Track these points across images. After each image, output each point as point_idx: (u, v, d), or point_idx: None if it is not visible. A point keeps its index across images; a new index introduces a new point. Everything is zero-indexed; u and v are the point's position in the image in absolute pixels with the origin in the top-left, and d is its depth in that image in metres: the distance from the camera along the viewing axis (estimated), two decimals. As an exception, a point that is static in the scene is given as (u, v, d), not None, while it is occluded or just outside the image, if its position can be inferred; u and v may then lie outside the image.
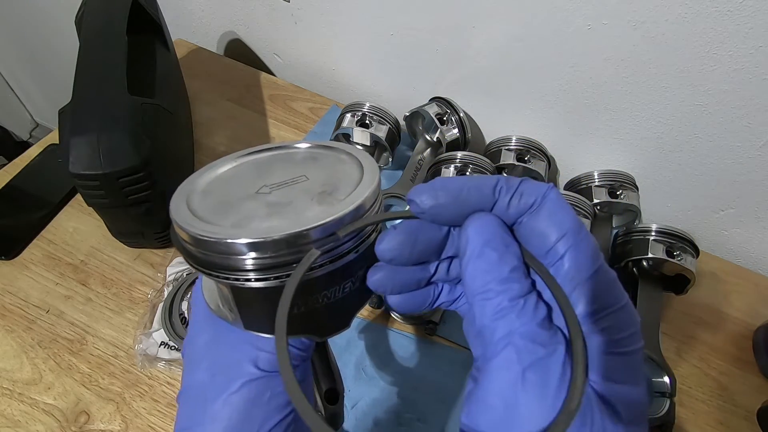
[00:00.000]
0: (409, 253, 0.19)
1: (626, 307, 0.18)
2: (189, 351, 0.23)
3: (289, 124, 0.70)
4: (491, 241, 0.18)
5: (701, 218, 0.63)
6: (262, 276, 0.19)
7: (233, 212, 0.20)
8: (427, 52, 0.65)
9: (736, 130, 0.53)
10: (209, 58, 0.79)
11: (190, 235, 0.18)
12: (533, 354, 0.16)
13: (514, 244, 0.18)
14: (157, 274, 0.53)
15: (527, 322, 0.17)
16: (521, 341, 0.16)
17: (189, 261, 0.20)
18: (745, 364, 0.54)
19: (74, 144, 0.41)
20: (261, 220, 0.19)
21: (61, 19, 1.02)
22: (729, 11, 0.45)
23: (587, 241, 0.18)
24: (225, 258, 0.18)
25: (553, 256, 0.18)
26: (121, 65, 0.46)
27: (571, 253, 0.17)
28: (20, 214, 0.56)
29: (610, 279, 0.18)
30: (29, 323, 0.49)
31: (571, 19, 0.52)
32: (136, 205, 0.46)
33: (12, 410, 0.44)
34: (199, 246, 0.19)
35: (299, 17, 0.71)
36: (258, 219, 0.19)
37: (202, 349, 0.22)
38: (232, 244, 0.18)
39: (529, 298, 0.17)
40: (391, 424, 0.46)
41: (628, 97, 0.56)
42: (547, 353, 0.16)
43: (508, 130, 0.64)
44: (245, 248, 0.18)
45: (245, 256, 0.18)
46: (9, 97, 1.39)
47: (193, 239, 0.19)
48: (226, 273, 0.19)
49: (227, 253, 0.18)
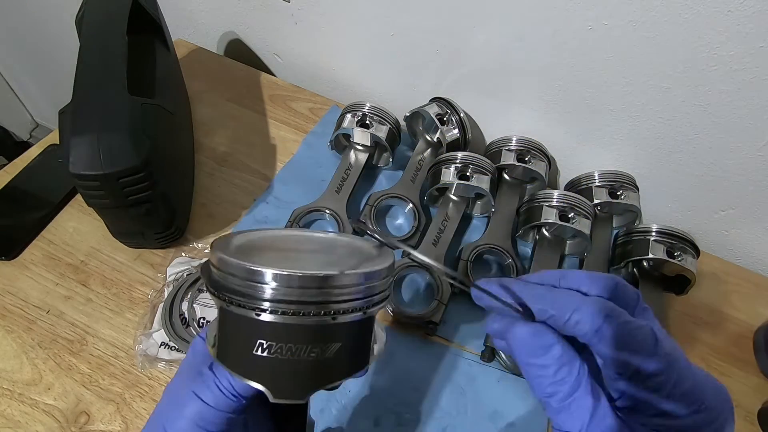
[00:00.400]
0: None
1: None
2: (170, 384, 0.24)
3: (289, 124, 0.70)
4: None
5: (702, 219, 0.63)
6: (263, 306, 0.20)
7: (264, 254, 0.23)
8: (427, 52, 0.65)
9: (736, 130, 0.53)
10: (209, 58, 0.79)
11: (218, 257, 0.21)
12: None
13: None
14: (158, 275, 0.53)
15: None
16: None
17: (207, 286, 0.21)
18: (745, 365, 0.54)
19: (74, 144, 0.41)
20: (279, 262, 0.21)
21: (61, 19, 1.02)
22: (729, 11, 0.45)
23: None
24: (235, 280, 0.20)
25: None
26: (121, 65, 0.46)
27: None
28: (20, 214, 0.56)
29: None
30: (29, 323, 0.49)
31: (571, 19, 0.52)
32: (136, 205, 0.46)
33: (12, 411, 0.44)
34: (220, 267, 0.21)
35: (299, 17, 0.71)
36: (277, 262, 0.21)
37: (170, 386, 0.24)
38: (250, 269, 0.20)
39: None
40: (391, 424, 0.46)
41: (628, 97, 0.56)
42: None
43: (509, 131, 0.64)
44: (256, 275, 0.19)
45: (256, 283, 0.20)
46: (9, 97, 1.39)
47: (219, 261, 0.21)
48: (234, 297, 0.20)
49: (241, 276, 0.20)
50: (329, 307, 0.20)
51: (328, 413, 0.46)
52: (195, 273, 0.52)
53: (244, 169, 0.64)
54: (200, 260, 0.54)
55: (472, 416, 0.47)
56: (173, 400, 0.22)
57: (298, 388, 0.21)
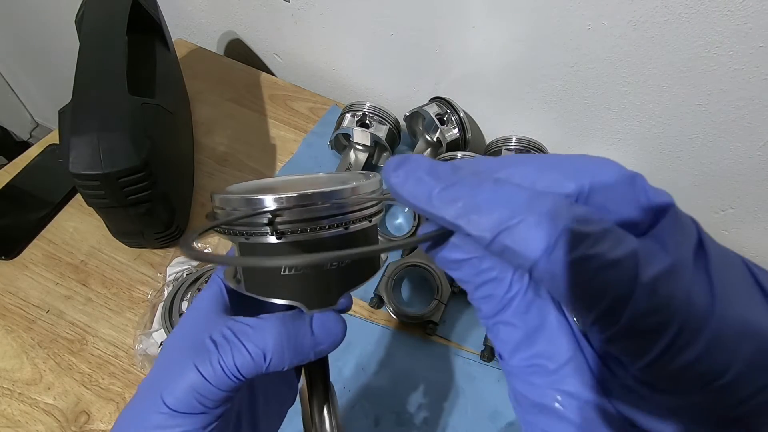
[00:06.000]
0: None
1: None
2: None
3: (289, 124, 0.70)
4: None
5: (701, 218, 0.63)
6: (265, 231, 0.20)
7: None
8: (427, 52, 0.65)
9: (736, 130, 0.53)
10: (209, 58, 0.79)
11: (220, 197, 0.21)
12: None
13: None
14: (157, 274, 0.53)
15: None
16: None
17: (215, 226, 0.22)
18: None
19: (74, 144, 0.41)
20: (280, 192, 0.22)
21: (61, 19, 1.02)
22: (729, 11, 0.45)
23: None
24: (241, 212, 0.21)
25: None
26: (121, 65, 0.46)
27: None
28: (20, 214, 0.56)
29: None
30: (29, 323, 0.49)
31: (571, 19, 0.52)
32: (136, 205, 0.46)
33: (12, 410, 0.44)
34: (223, 205, 0.21)
35: (299, 17, 0.71)
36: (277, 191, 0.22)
37: (146, 378, 0.23)
38: (250, 199, 0.20)
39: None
40: (391, 424, 0.46)
41: (628, 97, 0.56)
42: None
43: (508, 130, 0.64)
44: (257, 203, 0.20)
45: (259, 208, 0.20)
46: (9, 97, 1.39)
47: (221, 200, 0.21)
48: (241, 229, 0.21)
49: (244, 207, 0.21)
50: (343, 218, 0.21)
51: (327, 413, 0.46)
52: (195, 272, 0.52)
53: (244, 169, 0.64)
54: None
55: (472, 416, 0.47)
56: (171, 368, 0.21)
57: (326, 296, 0.23)
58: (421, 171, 0.16)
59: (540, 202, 0.14)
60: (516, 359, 0.16)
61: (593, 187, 0.15)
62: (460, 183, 0.15)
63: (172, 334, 0.23)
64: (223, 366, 0.20)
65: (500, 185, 0.15)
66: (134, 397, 0.22)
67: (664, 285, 0.13)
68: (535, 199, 0.14)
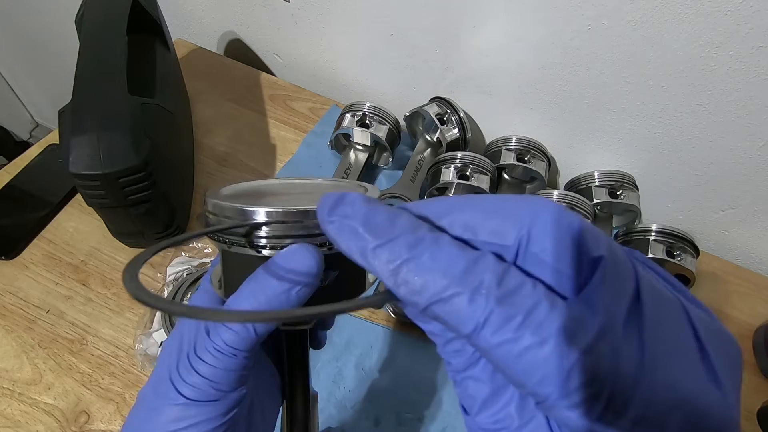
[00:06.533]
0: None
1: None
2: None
3: (289, 124, 0.70)
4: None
5: (701, 218, 0.63)
6: (253, 242, 0.20)
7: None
8: (427, 52, 0.65)
9: (736, 130, 0.53)
10: (209, 58, 0.79)
11: (212, 203, 0.21)
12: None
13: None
14: (157, 274, 0.53)
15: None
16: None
17: (206, 230, 0.22)
18: (745, 365, 0.54)
19: (74, 144, 0.41)
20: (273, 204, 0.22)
21: (61, 19, 1.02)
22: (729, 11, 0.45)
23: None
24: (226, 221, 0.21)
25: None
26: (121, 65, 0.46)
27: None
28: (20, 213, 0.56)
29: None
30: (29, 323, 0.49)
31: (571, 19, 0.52)
32: (136, 205, 0.46)
33: (12, 410, 0.44)
34: (214, 211, 0.21)
35: (299, 17, 0.71)
36: (271, 203, 0.22)
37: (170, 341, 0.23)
38: (239, 210, 0.20)
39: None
40: (391, 424, 0.46)
41: (628, 97, 0.56)
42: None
43: (508, 130, 0.64)
44: (255, 215, 0.20)
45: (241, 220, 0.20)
46: (9, 97, 1.39)
47: (214, 206, 0.21)
48: (224, 237, 0.21)
49: (230, 216, 0.21)
50: (324, 239, 0.20)
51: (328, 413, 0.46)
52: (195, 273, 0.52)
53: (244, 169, 0.64)
54: (200, 260, 0.54)
55: (471, 416, 0.47)
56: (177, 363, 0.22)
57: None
58: (356, 221, 0.15)
59: (474, 276, 0.14)
60: (482, 416, 0.17)
61: (531, 237, 0.15)
62: (397, 240, 0.15)
63: (170, 336, 0.23)
64: (219, 348, 0.21)
65: (438, 247, 0.15)
66: (143, 391, 0.22)
67: (588, 360, 0.13)
68: (471, 268, 0.14)
